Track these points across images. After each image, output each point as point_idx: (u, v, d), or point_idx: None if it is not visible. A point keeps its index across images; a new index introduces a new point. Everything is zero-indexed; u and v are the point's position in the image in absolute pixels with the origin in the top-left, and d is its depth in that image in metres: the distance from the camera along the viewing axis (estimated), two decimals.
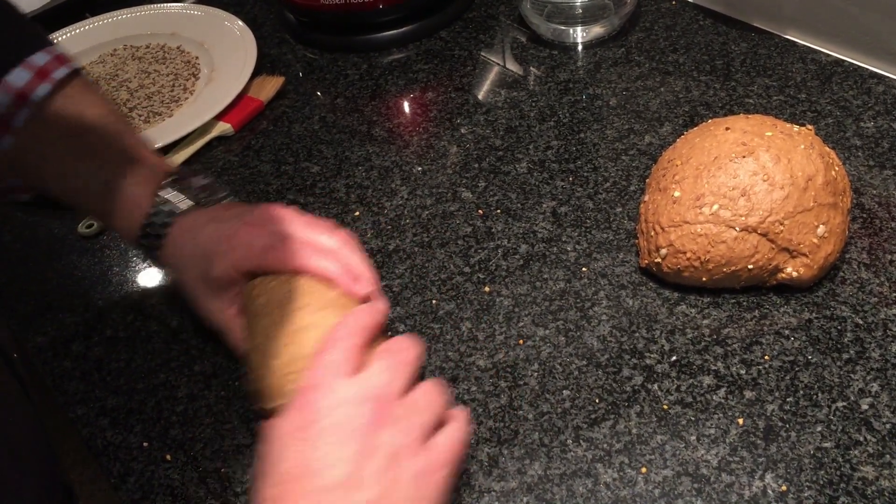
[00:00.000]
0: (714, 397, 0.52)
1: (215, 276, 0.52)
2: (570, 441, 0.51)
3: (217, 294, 0.54)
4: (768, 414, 0.50)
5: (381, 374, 0.44)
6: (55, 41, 0.58)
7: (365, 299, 0.50)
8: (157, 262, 0.57)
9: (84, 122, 0.56)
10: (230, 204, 0.58)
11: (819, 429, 0.49)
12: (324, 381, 0.43)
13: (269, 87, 0.84)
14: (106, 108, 0.58)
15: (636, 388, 0.53)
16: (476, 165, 0.72)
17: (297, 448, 0.41)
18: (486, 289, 0.61)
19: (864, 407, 0.50)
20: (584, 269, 0.61)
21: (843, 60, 0.75)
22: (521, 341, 0.57)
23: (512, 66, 0.83)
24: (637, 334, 0.56)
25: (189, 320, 0.63)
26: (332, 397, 0.42)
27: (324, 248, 0.51)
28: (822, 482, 0.47)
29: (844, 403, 0.50)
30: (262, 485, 0.42)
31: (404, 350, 0.46)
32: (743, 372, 0.53)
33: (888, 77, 0.73)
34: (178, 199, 0.56)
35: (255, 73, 0.84)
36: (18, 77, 0.55)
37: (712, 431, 0.50)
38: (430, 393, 0.44)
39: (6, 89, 0.54)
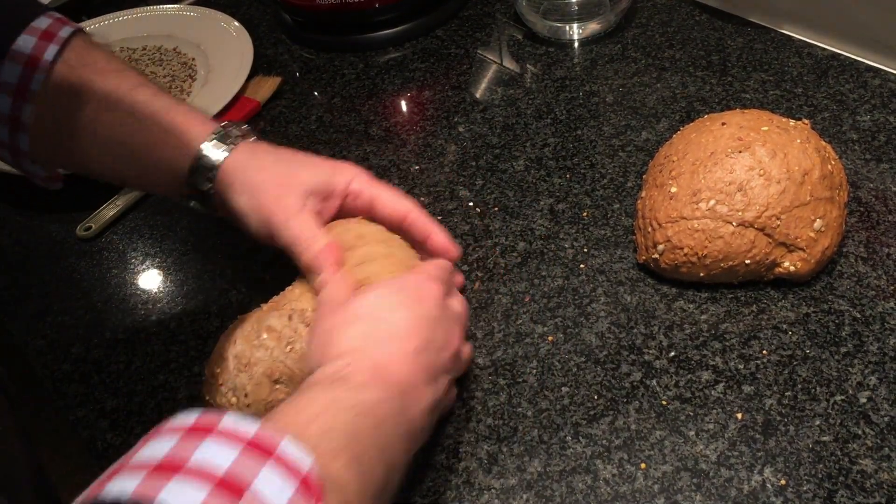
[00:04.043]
0: (713, 392, 0.52)
1: (319, 181, 0.54)
2: (569, 438, 0.51)
3: (300, 202, 0.54)
4: (767, 408, 0.50)
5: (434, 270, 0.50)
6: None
7: (434, 245, 0.55)
8: (207, 199, 0.56)
9: (101, 76, 0.55)
10: (289, 150, 0.58)
11: (818, 422, 0.49)
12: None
13: (266, 87, 0.84)
14: (118, 62, 0.57)
15: (635, 383, 0.53)
16: (473, 164, 0.72)
17: (355, 304, 0.46)
18: (476, 285, 0.61)
19: (863, 400, 0.50)
20: (581, 265, 0.61)
21: (840, 54, 0.75)
22: (519, 339, 0.57)
23: (508, 64, 0.83)
24: (635, 330, 0.56)
25: (188, 322, 0.63)
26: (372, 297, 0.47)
27: (396, 193, 0.56)
28: (820, 476, 0.47)
29: (843, 397, 0.50)
30: (318, 365, 0.44)
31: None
32: (741, 366, 0.53)
33: (884, 71, 0.73)
34: (231, 134, 0.56)
35: (252, 74, 0.84)
36: (25, 42, 0.54)
37: (711, 426, 0.50)
38: (462, 304, 0.52)
39: (15, 57, 0.54)
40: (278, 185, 0.54)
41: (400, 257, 0.53)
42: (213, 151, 0.55)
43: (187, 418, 0.33)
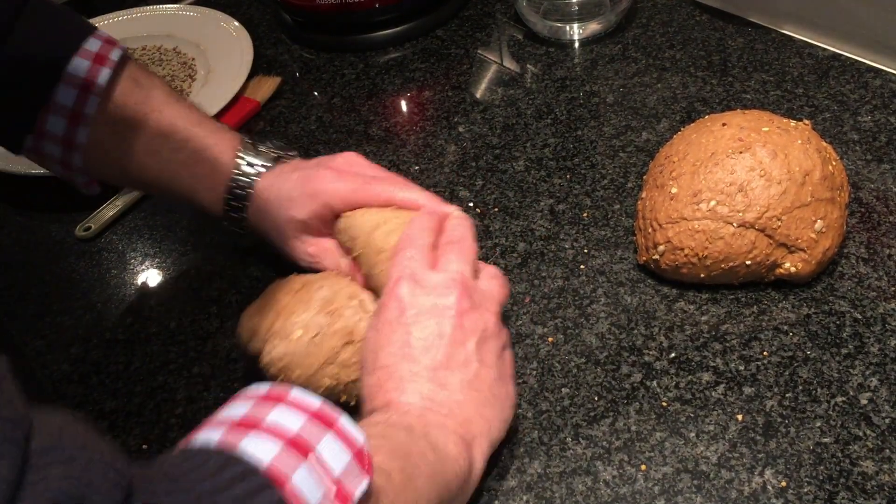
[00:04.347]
0: (713, 394, 0.52)
1: (305, 217, 0.56)
2: (569, 439, 0.51)
3: (305, 233, 0.58)
4: (767, 410, 0.50)
5: (456, 263, 0.49)
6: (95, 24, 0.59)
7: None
8: (243, 223, 0.61)
9: (151, 102, 0.58)
10: (304, 159, 0.62)
11: (818, 424, 0.49)
12: (407, 273, 0.48)
13: (266, 87, 0.84)
14: (164, 85, 0.60)
15: (635, 385, 0.53)
16: (473, 164, 0.72)
17: (393, 336, 0.46)
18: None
19: (864, 402, 0.50)
20: (582, 266, 0.61)
21: (840, 55, 0.75)
22: (519, 340, 0.57)
23: (509, 64, 0.83)
24: (636, 331, 0.56)
25: (188, 322, 0.63)
26: (419, 287, 0.47)
27: (407, 184, 0.57)
28: (821, 477, 0.47)
29: (844, 398, 0.50)
30: (363, 375, 0.47)
31: (463, 239, 0.51)
32: (742, 368, 0.53)
33: (885, 71, 0.73)
34: (257, 161, 0.60)
35: (252, 74, 0.84)
36: (78, 66, 0.55)
37: (711, 428, 0.50)
38: (497, 277, 0.51)
39: (70, 80, 0.55)
40: (278, 232, 0.59)
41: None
42: (236, 202, 0.60)
43: (260, 388, 0.37)
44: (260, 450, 0.32)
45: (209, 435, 0.34)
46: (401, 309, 0.47)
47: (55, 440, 0.27)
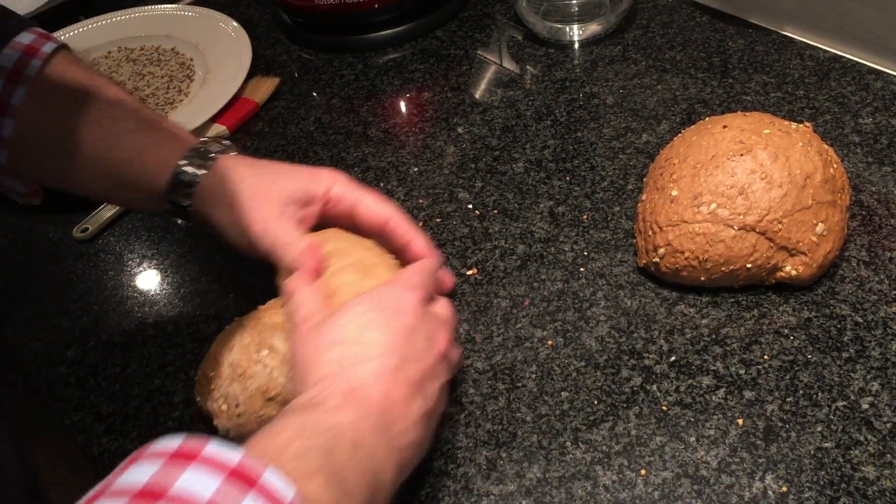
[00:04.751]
0: (713, 398, 0.51)
1: (297, 188, 0.54)
2: (568, 443, 0.50)
3: (278, 210, 0.54)
4: (768, 414, 0.50)
5: (416, 276, 0.49)
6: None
7: (412, 251, 0.55)
8: (188, 215, 0.56)
9: (84, 92, 0.55)
10: (267, 161, 0.58)
11: (819, 429, 0.49)
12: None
13: (265, 88, 0.83)
14: (100, 77, 0.57)
15: (635, 389, 0.53)
16: (473, 165, 0.71)
17: (335, 319, 0.45)
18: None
19: (865, 406, 0.50)
20: (581, 269, 0.61)
21: (841, 56, 0.75)
22: (518, 343, 0.56)
23: (508, 65, 0.83)
24: (635, 335, 0.56)
25: (185, 325, 0.62)
26: (355, 306, 0.46)
27: (378, 199, 0.55)
28: (822, 483, 0.46)
29: (845, 403, 0.50)
30: (300, 392, 0.43)
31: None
32: (742, 372, 0.52)
33: (886, 73, 0.72)
34: (214, 147, 0.56)
35: (250, 75, 0.84)
36: (7, 57, 0.54)
37: (712, 432, 0.50)
38: (449, 306, 0.51)
39: None
40: (255, 195, 0.54)
41: (377, 263, 0.52)
42: (191, 168, 0.55)
43: (171, 443, 0.33)
44: None
45: None
46: (348, 306, 0.46)
47: None
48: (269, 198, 0.54)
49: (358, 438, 0.40)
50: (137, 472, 0.31)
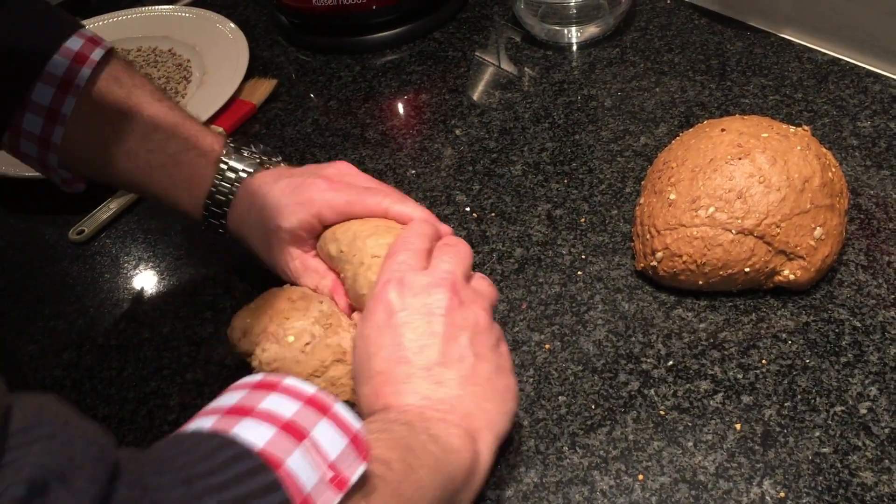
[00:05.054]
0: (711, 402, 0.51)
1: (293, 226, 0.55)
2: (566, 448, 0.50)
3: (292, 244, 0.56)
4: (766, 419, 0.50)
5: (447, 264, 0.48)
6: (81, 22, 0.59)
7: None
8: (222, 228, 0.59)
9: (131, 101, 0.57)
10: (291, 167, 0.61)
11: (817, 434, 0.49)
12: (396, 276, 0.47)
13: (262, 89, 0.83)
14: (148, 84, 0.59)
15: (632, 393, 0.52)
16: (470, 168, 0.71)
17: (384, 340, 0.45)
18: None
19: (863, 411, 0.50)
20: (579, 272, 0.61)
21: (840, 59, 0.75)
22: (516, 347, 0.56)
23: (506, 67, 0.83)
24: (633, 339, 0.55)
25: (181, 328, 0.62)
26: (407, 289, 0.46)
27: (402, 196, 0.56)
28: (820, 488, 0.46)
29: (843, 408, 0.50)
30: (357, 385, 0.47)
31: (459, 243, 0.51)
32: (740, 376, 0.52)
33: (885, 76, 0.72)
34: (240, 165, 0.58)
35: (248, 76, 0.84)
36: (58, 65, 0.54)
37: (709, 437, 0.49)
38: (486, 279, 0.51)
39: (48, 79, 0.54)
40: (267, 236, 0.57)
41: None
42: (215, 208, 0.58)
43: (253, 377, 0.37)
44: (253, 434, 0.32)
45: (202, 422, 0.34)
46: (389, 312, 0.46)
47: (35, 419, 0.27)
48: (281, 241, 0.56)
49: (441, 443, 0.43)
50: (226, 398, 0.36)
